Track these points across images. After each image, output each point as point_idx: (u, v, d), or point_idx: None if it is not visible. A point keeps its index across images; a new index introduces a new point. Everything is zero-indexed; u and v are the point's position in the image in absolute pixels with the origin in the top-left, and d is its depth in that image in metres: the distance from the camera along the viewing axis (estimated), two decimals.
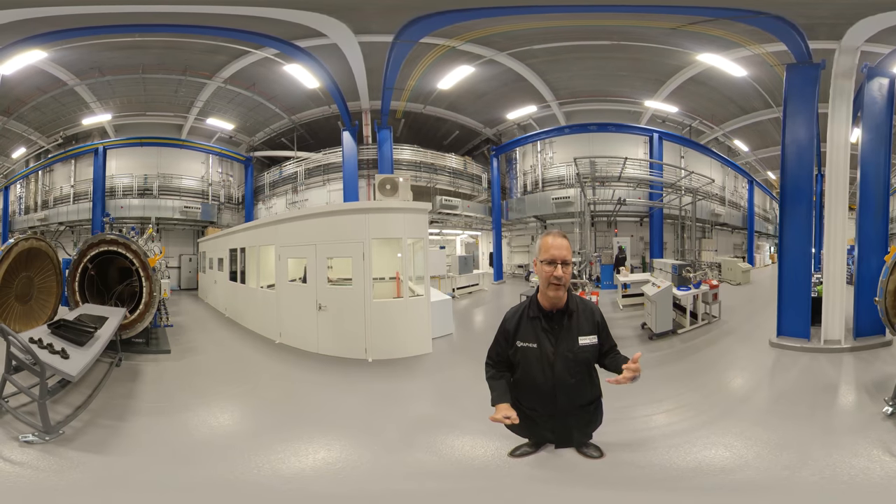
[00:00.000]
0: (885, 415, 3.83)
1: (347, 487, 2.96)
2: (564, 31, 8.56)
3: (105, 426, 3.89)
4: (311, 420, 4.22)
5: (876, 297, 4.86)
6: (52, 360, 3.75)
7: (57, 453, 3.30)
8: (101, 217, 11.36)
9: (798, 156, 6.66)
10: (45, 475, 3.04)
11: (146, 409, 4.43)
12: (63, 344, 4.15)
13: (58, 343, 4.12)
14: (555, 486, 2.65)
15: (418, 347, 6.44)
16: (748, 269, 12.58)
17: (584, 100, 11.35)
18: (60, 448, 3.38)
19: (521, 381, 2.73)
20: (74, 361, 3.84)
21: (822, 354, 6.10)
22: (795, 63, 6.71)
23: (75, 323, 4.76)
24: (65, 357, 3.85)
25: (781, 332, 6.65)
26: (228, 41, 8.57)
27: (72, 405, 4.21)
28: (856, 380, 5.13)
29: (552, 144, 12.60)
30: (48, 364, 3.65)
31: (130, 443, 3.63)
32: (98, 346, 4.40)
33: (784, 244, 6.82)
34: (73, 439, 3.57)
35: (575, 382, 2.65)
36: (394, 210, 6.64)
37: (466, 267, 11.86)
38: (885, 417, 3.80)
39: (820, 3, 6.38)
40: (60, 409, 4.07)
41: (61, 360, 3.80)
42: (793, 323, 6.61)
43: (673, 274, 8.34)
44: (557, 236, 2.65)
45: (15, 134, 12.00)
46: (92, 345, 4.36)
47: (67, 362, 3.79)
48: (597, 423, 2.86)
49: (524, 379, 2.71)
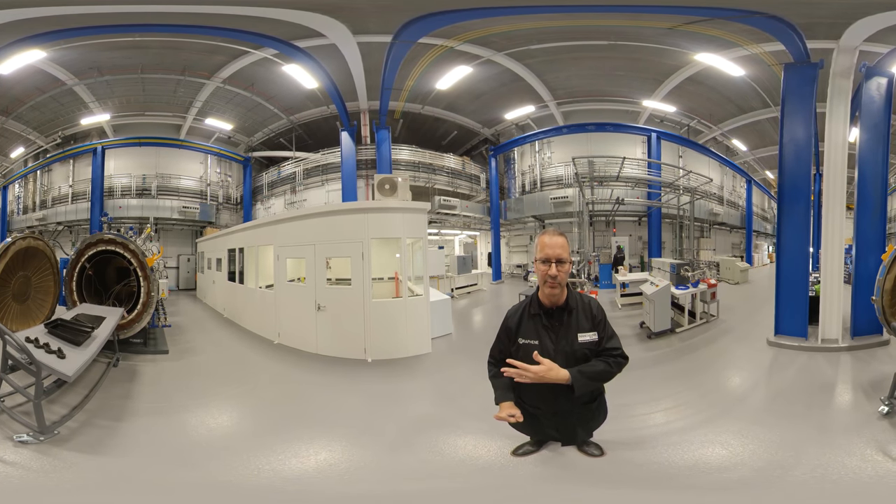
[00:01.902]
0: (881, 414, 3.83)
1: (351, 488, 2.96)
2: (561, 31, 8.58)
3: (102, 426, 3.86)
4: (313, 420, 4.20)
5: (873, 297, 4.86)
6: (48, 359, 3.72)
7: (51, 453, 3.28)
8: (100, 216, 11.36)
9: (796, 155, 6.64)
10: (37, 475, 3.02)
11: (144, 409, 4.38)
12: (60, 344, 4.11)
13: (54, 343, 4.09)
14: (554, 483, 2.66)
15: (418, 347, 6.44)
16: (746, 268, 12.62)
17: (582, 100, 11.39)
18: (55, 448, 3.36)
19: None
20: (71, 361, 3.82)
21: (819, 353, 6.09)
22: (793, 63, 6.71)
23: (72, 323, 4.71)
24: (61, 357, 3.83)
25: (779, 330, 6.65)
26: (228, 41, 8.57)
27: (68, 405, 4.17)
28: (853, 379, 5.13)
29: (550, 144, 12.63)
30: (44, 364, 3.61)
31: (127, 444, 3.59)
32: (95, 345, 4.37)
33: (782, 243, 6.81)
34: (68, 439, 3.54)
35: None
36: (393, 210, 6.64)
37: (465, 267, 11.88)
38: (881, 417, 3.80)
39: (818, 2, 6.38)
40: (57, 409, 4.04)
41: (57, 360, 3.77)
42: (790, 322, 6.60)
43: (671, 273, 8.33)
44: (553, 235, 2.66)
45: (13, 133, 12.00)
46: (89, 345, 4.33)
47: (63, 362, 3.77)
48: (600, 420, 2.86)
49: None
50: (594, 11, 7.55)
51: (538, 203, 12.66)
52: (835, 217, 6.47)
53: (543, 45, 9.18)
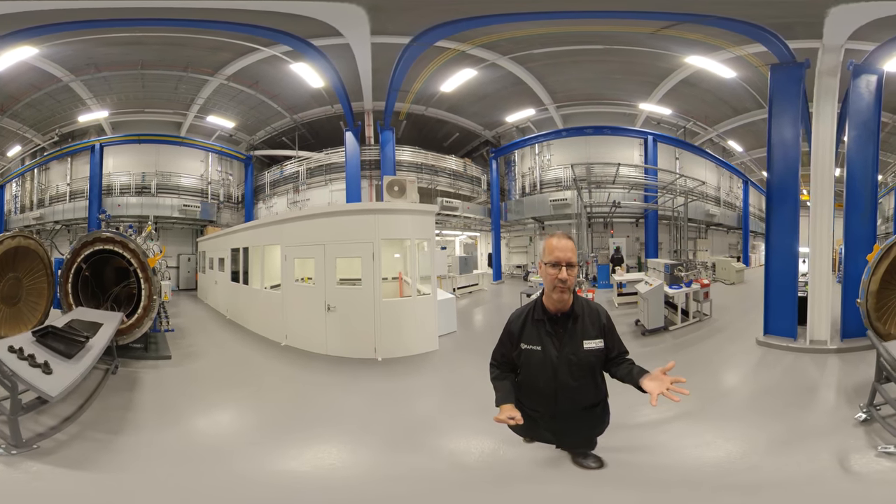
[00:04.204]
0: (857, 421, 3.70)
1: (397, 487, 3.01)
2: (560, 36, 8.71)
3: (94, 440, 3.55)
4: (334, 423, 4.15)
5: (858, 299, 4.70)
6: (30, 374, 3.34)
7: (21, 467, 3.04)
8: (97, 214, 11.16)
9: (784, 155, 6.64)
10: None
11: (145, 421, 4.07)
12: (48, 355, 3.72)
13: (42, 354, 3.69)
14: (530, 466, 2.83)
15: (425, 345, 6.56)
16: (742, 268, 12.84)
17: (581, 103, 11.53)
18: (29, 462, 3.11)
19: (524, 383, 2.75)
20: (57, 378, 3.42)
21: (806, 355, 6.04)
22: (779, 63, 6.73)
23: (65, 331, 4.27)
24: (47, 372, 3.44)
25: (768, 330, 6.65)
26: (242, 37, 8.42)
27: (59, 416, 3.83)
28: (837, 382, 5.05)
29: (550, 147, 12.78)
30: (24, 379, 3.24)
31: (122, 459, 3.31)
32: (89, 358, 3.98)
33: (770, 243, 6.78)
34: (51, 452, 3.28)
35: (578, 385, 2.64)
36: (402, 212, 6.73)
37: (466, 267, 12.01)
38: (857, 424, 3.68)
39: (784, 3, 6.38)
40: (45, 420, 3.70)
41: (41, 376, 3.36)
42: (779, 322, 6.59)
43: (665, 273, 8.54)
44: (562, 238, 2.56)
45: (9, 132, 11.83)
46: (82, 357, 3.94)
47: (48, 379, 3.36)
48: (603, 426, 2.87)
49: (527, 381, 2.73)
50: (586, 17, 7.61)
51: (538, 205, 12.82)
52: (822, 216, 6.40)
53: (545, 50, 9.30)
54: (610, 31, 8.40)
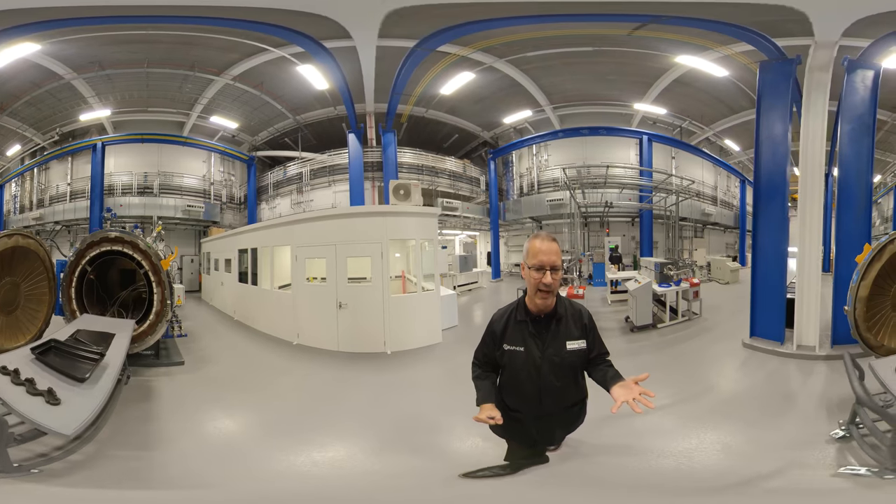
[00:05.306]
0: (833, 438, 3.42)
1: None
2: (552, 39, 8.91)
3: (119, 457, 3.19)
4: (363, 415, 4.26)
5: (846, 307, 4.40)
6: (30, 407, 2.62)
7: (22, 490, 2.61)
8: (101, 214, 10.95)
9: (772, 153, 6.50)
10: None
11: (170, 433, 3.80)
12: (52, 379, 3.03)
13: (43, 378, 2.98)
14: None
15: (430, 338, 6.94)
16: (737, 268, 12.88)
17: (577, 104, 11.74)
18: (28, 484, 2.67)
19: (506, 384, 2.74)
20: (69, 409, 2.69)
21: (792, 360, 5.77)
22: (768, 60, 6.59)
23: (72, 346, 3.63)
24: (53, 402, 2.70)
25: (755, 332, 6.46)
26: (253, 37, 8.39)
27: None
28: (820, 393, 4.71)
29: (547, 148, 13.01)
30: (22, 413, 2.54)
31: (172, 473, 3.11)
32: (107, 380, 3.29)
33: (758, 242, 6.63)
34: (64, 474, 2.81)
35: (561, 386, 2.63)
36: (408, 214, 7.10)
37: (466, 265, 12.28)
38: (832, 440, 3.41)
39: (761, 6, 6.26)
40: (49, 441, 3.03)
41: (46, 408, 2.64)
42: (766, 324, 6.39)
43: (655, 271, 8.71)
44: (546, 240, 2.49)
45: (9, 130, 11.79)
46: (98, 380, 3.23)
47: (55, 411, 2.63)
48: (577, 425, 2.88)
49: (510, 381, 2.71)
50: (572, 21, 7.68)
51: (535, 205, 13.05)
52: (811, 215, 6.19)
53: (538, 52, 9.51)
54: (597, 34, 8.56)
